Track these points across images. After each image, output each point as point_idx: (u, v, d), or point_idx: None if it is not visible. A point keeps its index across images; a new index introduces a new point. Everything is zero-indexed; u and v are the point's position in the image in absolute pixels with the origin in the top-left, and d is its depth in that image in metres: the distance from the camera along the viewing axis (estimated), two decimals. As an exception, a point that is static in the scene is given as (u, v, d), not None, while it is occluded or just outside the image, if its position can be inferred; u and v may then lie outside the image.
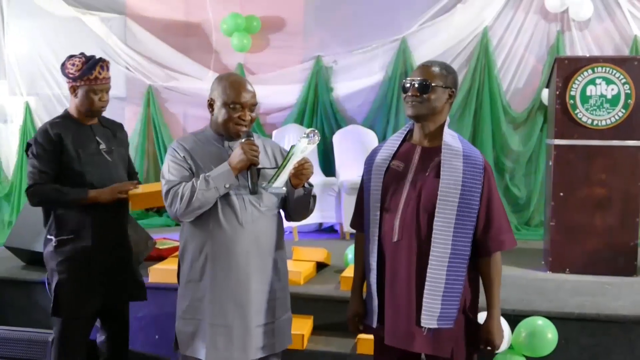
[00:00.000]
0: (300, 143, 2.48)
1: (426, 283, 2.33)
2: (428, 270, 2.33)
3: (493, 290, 2.45)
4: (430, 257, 2.33)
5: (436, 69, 2.43)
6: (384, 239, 2.42)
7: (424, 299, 2.33)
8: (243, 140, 2.55)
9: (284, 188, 2.56)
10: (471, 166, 2.37)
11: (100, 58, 3.16)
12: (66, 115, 3.20)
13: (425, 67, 2.45)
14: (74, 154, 3.10)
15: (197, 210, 2.52)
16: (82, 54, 3.17)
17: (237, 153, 2.51)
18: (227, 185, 2.51)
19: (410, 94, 2.41)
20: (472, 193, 2.35)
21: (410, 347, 2.38)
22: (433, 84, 2.39)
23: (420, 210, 2.36)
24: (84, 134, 3.16)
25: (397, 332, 2.40)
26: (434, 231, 2.33)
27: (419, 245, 2.35)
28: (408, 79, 2.44)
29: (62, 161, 3.09)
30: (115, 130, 3.32)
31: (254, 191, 2.52)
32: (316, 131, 2.50)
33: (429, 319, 2.34)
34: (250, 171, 2.52)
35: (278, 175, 2.51)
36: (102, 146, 3.19)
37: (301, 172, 2.53)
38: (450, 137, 2.42)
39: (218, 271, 2.56)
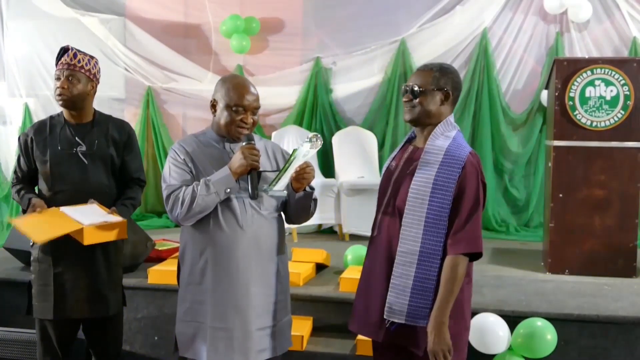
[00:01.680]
0: (302, 147, 2.47)
1: (392, 278, 2.36)
2: (394, 265, 2.36)
3: (440, 295, 2.29)
4: (397, 253, 2.36)
5: (428, 72, 2.45)
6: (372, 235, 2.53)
7: (388, 293, 2.36)
8: (244, 144, 2.54)
9: (285, 191, 2.56)
10: (448, 164, 2.34)
11: (67, 46, 3.10)
12: (60, 113, 3.18)
13: (418, 71, 2.49)
14: (40, 155, 3.06)
15: (198, 214, 2.51)
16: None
17: (237, 157, 2.51)
18: (228, 190, 2.50)
19: (404, 99, 2.47)
20: (444, 191, 2.32)
21: (377, 337, 2.43)
22: (421, 89, 2.42)
23: (396, 208, 2.41)
24: (63, 134, 3.09)
25: (366, 322, 2.47)
26: (402, 228, 2.36)
27: (390, 240, 2.41)
28: (404, 84, 2.50)
29: (35, 162, 3.09)
30: (109, 130, 3.15)
31: (253, 196, 2.52)
32: (319, 136, 2.49)
33: (394, 314, 2.35)
34: (251, 176, 2.51)
35: (279, 179, 2.51)
36: (81, 147, 3.07)
37: (302, 176, 2.53)
38: (439, 137, 2.42)
39: (218, 274, 2.55)
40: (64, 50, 3.09)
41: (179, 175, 2.57)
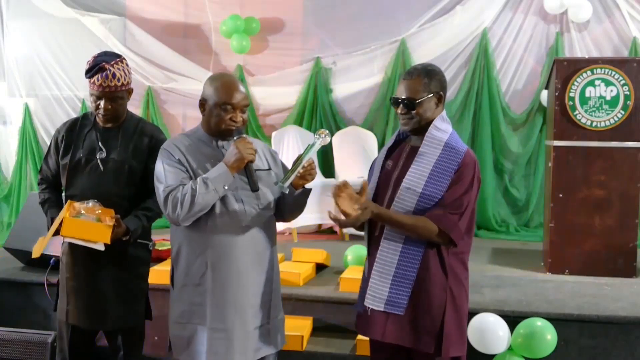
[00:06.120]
0: (316, 143, 2.52)
1: (375, 264, 2.40)
2: (378, 252, 2.39)
3: (395, 215, 2.37)
4: (382, 240, 2.38)
5: (417, 80, 2.44)
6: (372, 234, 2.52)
7: (370, 280, 2.40)
8: (235, 138, 2.53)
9: (287, 188, 2.55)
10: (447, 155, 2.38)
11: (100, 64, 2.87)
12: (92, 113, 3.07)
13: (406, 81, 2.47)
14: (62, 156, 3.02)
15: (199, 213, 2.49)
16: (101, 53, 3.00)
17: (232, 152, 2.49)
18: (226, 187, 2.49)
19: (399, 112, 2.47)
20: (440, 179, 2.35)
21: (372, 334, 2.46)
22: (418, 100, 2.42)
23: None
24: (89, 138, 3.01)
25: (365, 320, 2.49)
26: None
27: None
28: (393, 96, 2.48)
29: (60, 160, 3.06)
30: (135, 136, 3.03)
31: (254, 189, 2.50)
32: (327, 132, 2.55)
33: (374, 300, 2.40)
34: (248, 169, 2.50)
35: (292, 173, 2.50)
36: (102, 154, 2.98)
37: (309, 172, 2.54)
38: (438, 130, 2.43)
39: (218, 275, 2.53)
40: (99, 69, 2.88)
41: (175, 175, 2.53)
